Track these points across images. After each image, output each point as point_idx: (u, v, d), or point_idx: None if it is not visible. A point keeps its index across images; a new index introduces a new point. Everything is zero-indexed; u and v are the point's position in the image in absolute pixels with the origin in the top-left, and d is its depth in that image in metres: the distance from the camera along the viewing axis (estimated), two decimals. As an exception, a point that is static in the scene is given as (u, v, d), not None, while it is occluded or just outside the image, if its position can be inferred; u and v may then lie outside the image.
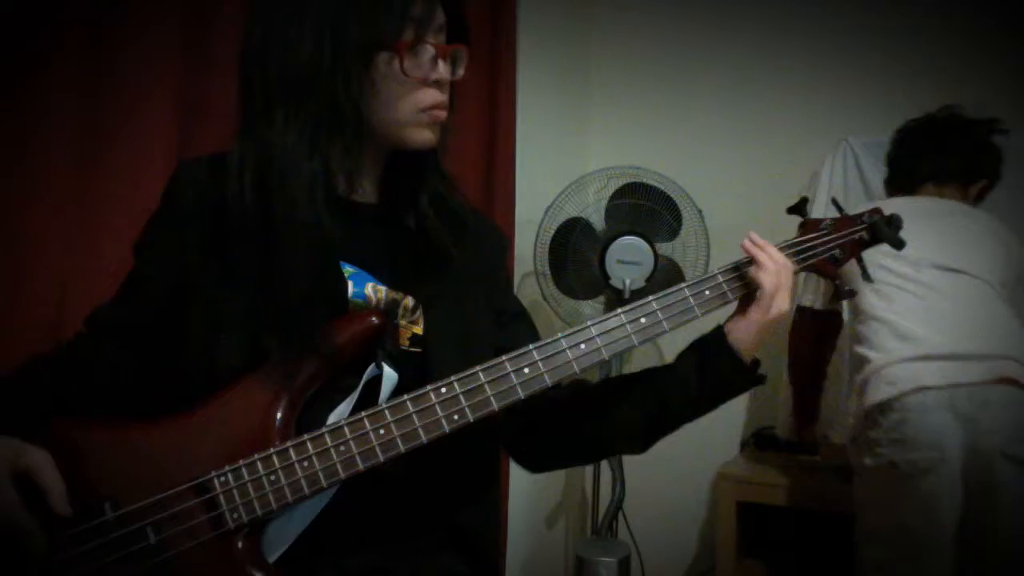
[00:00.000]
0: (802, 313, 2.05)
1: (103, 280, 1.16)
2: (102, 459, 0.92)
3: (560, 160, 2.63)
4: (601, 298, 2.27)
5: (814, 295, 2.01)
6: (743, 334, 1.03)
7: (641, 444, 1.11)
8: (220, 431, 0.93)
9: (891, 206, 1.31)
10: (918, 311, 1.69)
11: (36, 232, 1.24)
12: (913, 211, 1.09)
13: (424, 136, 1.01)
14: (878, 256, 1.46)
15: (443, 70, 0.98)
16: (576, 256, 2.22)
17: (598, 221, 2.24)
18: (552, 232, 2.23)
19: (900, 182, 1.99)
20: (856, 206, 1.28)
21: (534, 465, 1.18)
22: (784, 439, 2.26)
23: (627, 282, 2.13)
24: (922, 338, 1.67)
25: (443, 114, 1.01)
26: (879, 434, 1.66)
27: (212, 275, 0.98)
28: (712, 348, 1.04)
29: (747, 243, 1.04)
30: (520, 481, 2.24)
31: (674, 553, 2.56)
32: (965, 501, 1.61)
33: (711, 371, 1.04)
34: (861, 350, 1.76)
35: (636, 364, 2.62)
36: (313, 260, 0.96)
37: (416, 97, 0.98)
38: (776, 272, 1.02)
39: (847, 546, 2.01)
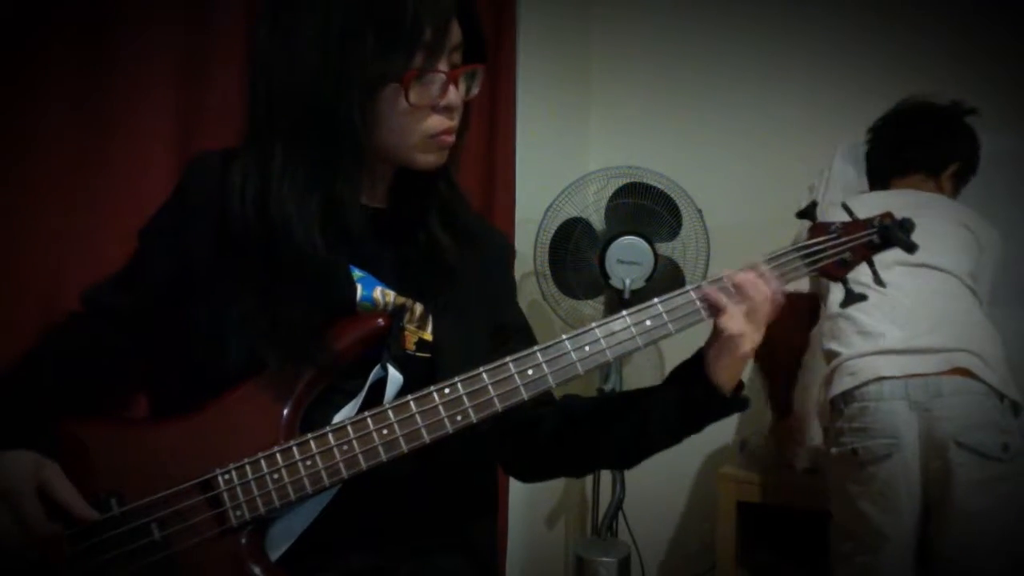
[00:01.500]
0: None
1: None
2: (108, 456, 0.92)
3: (560, 160, 2.63)
4: (601, 298, 2.27)
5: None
6: (720, 370, 1.01)
7: (626, 464, 1.13)
8: (225, 430, 0.93)
9: (861, 201, 1.31)
10: (881, 308, 1.73)
11: (36, 231, 1.24)
12: (883, 206, 1.11)
13: (429, 160, 0.99)
14: None
15: (453, 96, 0.96)
16: (576, 256, 2.22)
17: (598, 221, 2.24)
18: (552, 232, 2.23)
19: (874, 179, 2.02)
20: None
21: (523, 477, 1.19)
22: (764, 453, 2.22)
23: (627, 282, 2.13)
24: (883, 334, 1.73)
25: (451, 139, 0.99)
26: (843, 423, 1.73)
27: (216, 272, 0.97)
28: (692, 382, 1.03)
29: (710, 291, 0.99)
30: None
31: (674, 553, 2.56)
32: (924, 490, 1.66)
33: (692, 403, 1.03)
34: (829, 345, 1.83)
35: (636, 365, 2.62)
36: (321, 266, 0.96)
37: (424, 124, 0.96)
38: (747, 312, 0.99)
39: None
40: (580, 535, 2.67)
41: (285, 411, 0.93)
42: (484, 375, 0.94)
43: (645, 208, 2.19)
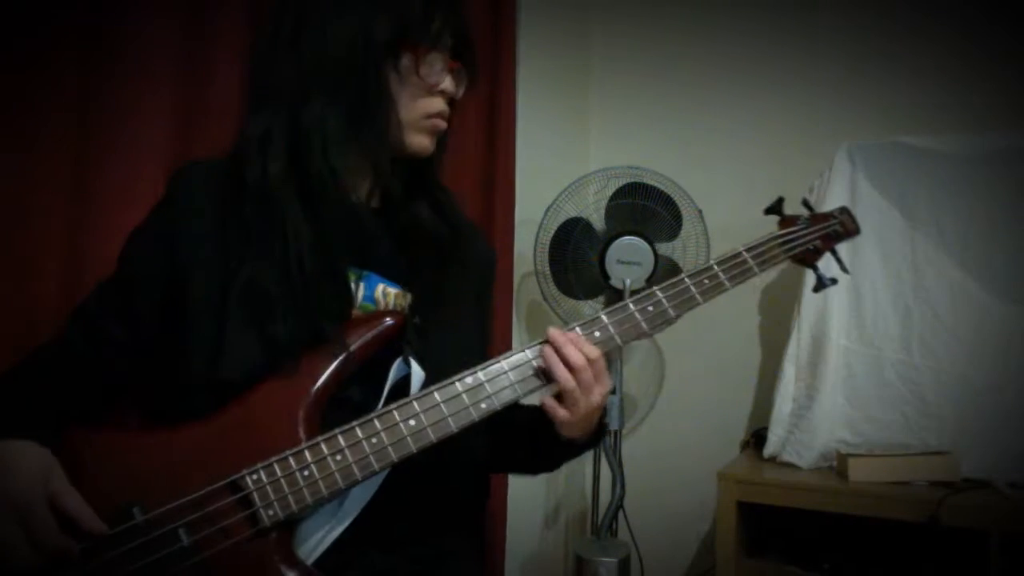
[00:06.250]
0: None
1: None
2: (124, 464, 0.91)
3: (560, 160, 2.63)
4: (601, 298, 2.27)
5: None
6: (569, 429, 1.03)
7: (530, 472, 1.22)
8: (244, 433, 0.92)
9: None
10: None
11: (35, 232, 1.24)
12: None
13: (422, 143, 1.04)
14: None
15: (449, 82, 1.04)
16: (576, 256, 2.22)
17: (598, 221, 2.24)
18: (552, 232, 2.23)
19: None
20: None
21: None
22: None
23: (627, 282, 2.13)
24: None
25: (444, 124, 1.06)
26: None
27: (218, 274, 0.97)
28: (549, 438, 1.05)
29: (547, 352, 0.99)
30: (520, 481, 2.24)
31: (674, 553, 2.56)
32: None
33: (555, 451, 1.09)
34: None
35: (637, 365, 2.62)
36: (324, 263, 0.97)
37: (423, 102, 1.03)
38: (580, 373, 0.99)
39: (846, 546, 2.01)
40: (580, 535, 2.67)
41: (303, 411, 0.93)
42: (503, 363, 0.97)
43: (645, 208, 2.19)
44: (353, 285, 1.01)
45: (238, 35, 1.47)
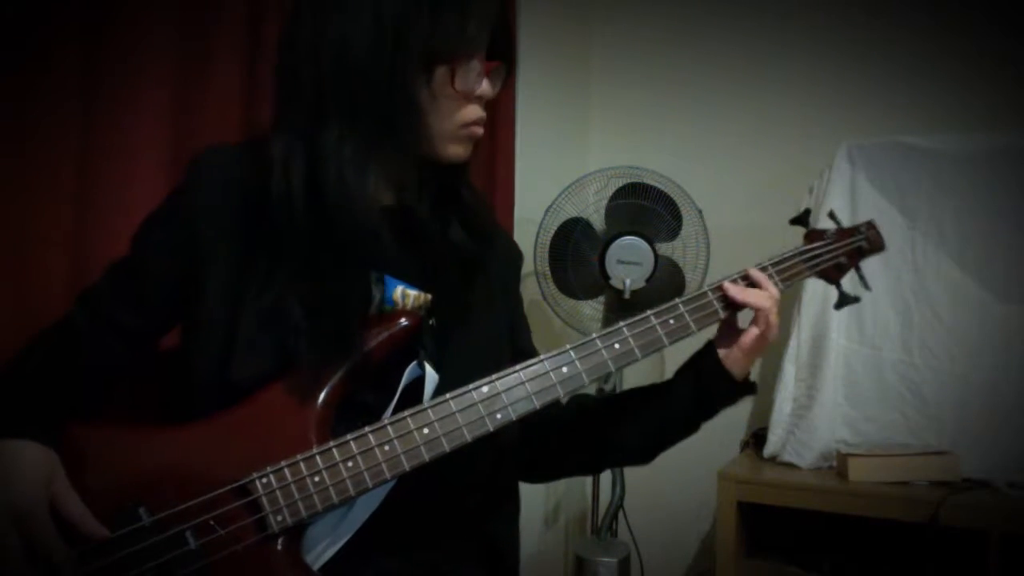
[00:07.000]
0: None
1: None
2: (128, 462, 0.89)
3: (560, 160, 2.63)
4: (601, 298, 2.27)
5: None
6: (741, 361, 1.07)
7: (643, 459, 1.17)
8: (253, 434, 0.90)
9: None
10: None
11: (37, 232, 1.24)
12: None
13: (458, 151, 1.01)
14: None
15: (486, 86, 0.99)
16: (576, 256, 2.21)
17: (598, 221, 2.24)
18: (552, 232, 2.23)
19: None
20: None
21: (532, 478, 1.20)
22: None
23: (627, 282, 2.12)
24: None
25: (481, 131, 1.01)
26: None
27: (235, 269, 0.95)
28: (709, 374, 1.08)
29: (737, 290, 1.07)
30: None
31: (674, 553, 2.56)
32: None
33: (708, 394, 1.08)
34: None
35: (637, 366, 2.61)
36: (341, 270, 0.95)
37: (460, 113, 0.98)
38: (773, 305, 1.06)
39: (846, 546, 2.01)
40: (580, 535, 2.67)
41: (315, 414, 0.91)
42: (520, 374, 0.95)
43: (645, 208, 2.19)
44: (372, 288, 0.99)
45: (238, 35, 1.47)
